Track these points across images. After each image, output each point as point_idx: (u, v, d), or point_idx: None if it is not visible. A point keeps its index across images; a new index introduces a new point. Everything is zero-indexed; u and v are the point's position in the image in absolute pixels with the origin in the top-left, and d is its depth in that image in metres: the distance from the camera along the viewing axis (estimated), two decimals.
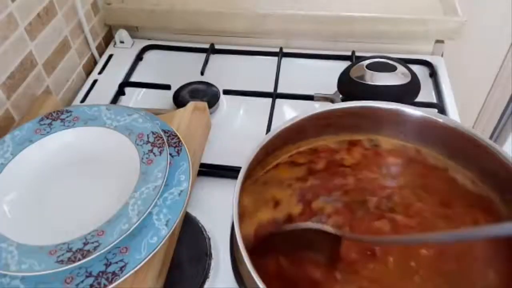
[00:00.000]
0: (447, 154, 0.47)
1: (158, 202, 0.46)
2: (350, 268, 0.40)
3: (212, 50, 0.80)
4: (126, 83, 0.75)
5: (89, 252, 0.40)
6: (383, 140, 0.49)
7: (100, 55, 0.82)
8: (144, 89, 0.75)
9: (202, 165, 0.59)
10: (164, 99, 0.71)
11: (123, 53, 0.82)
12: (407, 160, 0.48)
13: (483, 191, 0.44)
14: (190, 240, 0.51)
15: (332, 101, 0.67)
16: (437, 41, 0.78)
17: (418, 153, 0.48)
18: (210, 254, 0.50)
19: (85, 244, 0.41)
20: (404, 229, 0.43)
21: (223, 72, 0.77)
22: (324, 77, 0.69)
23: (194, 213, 0.54)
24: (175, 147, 0.51)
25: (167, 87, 0.71)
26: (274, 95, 0.70)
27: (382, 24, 0.75)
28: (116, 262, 0.41)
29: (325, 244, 0.40)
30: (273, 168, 0.47)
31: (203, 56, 0.79)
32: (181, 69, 0.79)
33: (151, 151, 0.49)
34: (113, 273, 0.40)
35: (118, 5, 0.81)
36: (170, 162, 0.48)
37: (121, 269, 0.41)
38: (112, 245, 0.40)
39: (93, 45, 0.79)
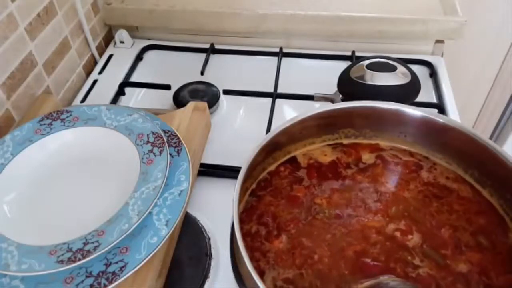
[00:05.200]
0: (447, 154, 0.47)
1: (158, 202, 0.46)
2: None
3: (212, 50, 0.80)
4: (126, 83, 0.75)
5: (89, 252, 0.40)
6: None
7: (100, 55, 0.82)
8: (144, 89, 0.75)
9: (202, 165, 0.58)
10: (164, 99, 0.71)
11: (123, 53, 0.82)
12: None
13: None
14: (190, 240, 0.51)
15: (332, 101, 0.67)
16: (437, 41, 0.78)
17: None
18: (210, 254, 0.50)
19: (85, 244, 0.41)
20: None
21: (223, 72, 0.77)
22: (324, 77, 0.69)
23: (194, 213, 0.54)
24: (175, 147, 0.51)
25: (167, 87, 0.71)
26: (274, 95, 0.70)
27: (382, 24, 0.75)
28: (116, 262, 0.41)
29: None
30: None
31: (203, 56, 0.79)
32: (181, 69, 0.79)
33: (151, 151, 0.49)
34: (113, 273, 0.40)
35: (118, 5, 0.81)
36: (170, 162, 0.48)
37: (121, 269, 0.41)
38: (112, 245, 0.40)
39: (93, 45, 0.79)
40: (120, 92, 0.73)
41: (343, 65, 0.67)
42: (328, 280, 0.39)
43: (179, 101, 0.68)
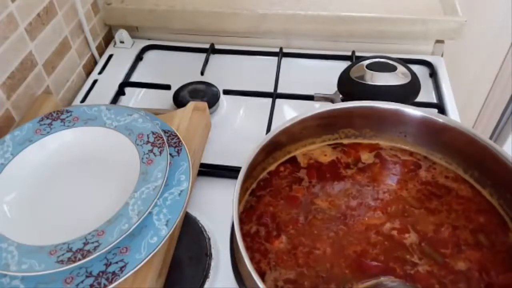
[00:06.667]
0: (446, 154, 0.47)
1: (158, 202, 0.46)
2: None
3: (212, 50, 0.80)
4: (126, 83, 0.75)
5: (89, 252, 0.40)
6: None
7: (100, 55, 0.82)
8: (144, 89, 0.75)
9: (202, 165, 0.58)
10: (164, 99, 0.71)
11: (123, 53, 0.82)
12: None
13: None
14: (190, 240, 0.51)
15: (332, 101, 0.67)
16: (437, 41, 0.78)
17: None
18: (210, 254, 0.50)
19: (85, 244, 0.41)
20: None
21: (223, 72, 0.77)
22: (324, 77, 0.69)
23: (194, 213, 0.54)
24: (175, 147, 0.51)
25: (167, 87, 0.71)
26: (274, 95, 0.70)
27: (382, 24, 0.75)
28: (116, 262, 0.41)
29: None
30: None
31: (203, 56, 0.79)
32: (181, 69, 0.79)
33: (151, 151, 0.49)
34: (113, 273, 0.40)
35: (118, 5, 0.81)
36: (170, 162, 0.48)
37: (121, 269, 0.41)
38: (112, 245, 0.40)
39: (93, 45, 0.79)
40: (120, 92, 0.73)
41: (343, 65, 0.67)
42: (329, 279, 0.39)
43: (179, 101, 0.68)
